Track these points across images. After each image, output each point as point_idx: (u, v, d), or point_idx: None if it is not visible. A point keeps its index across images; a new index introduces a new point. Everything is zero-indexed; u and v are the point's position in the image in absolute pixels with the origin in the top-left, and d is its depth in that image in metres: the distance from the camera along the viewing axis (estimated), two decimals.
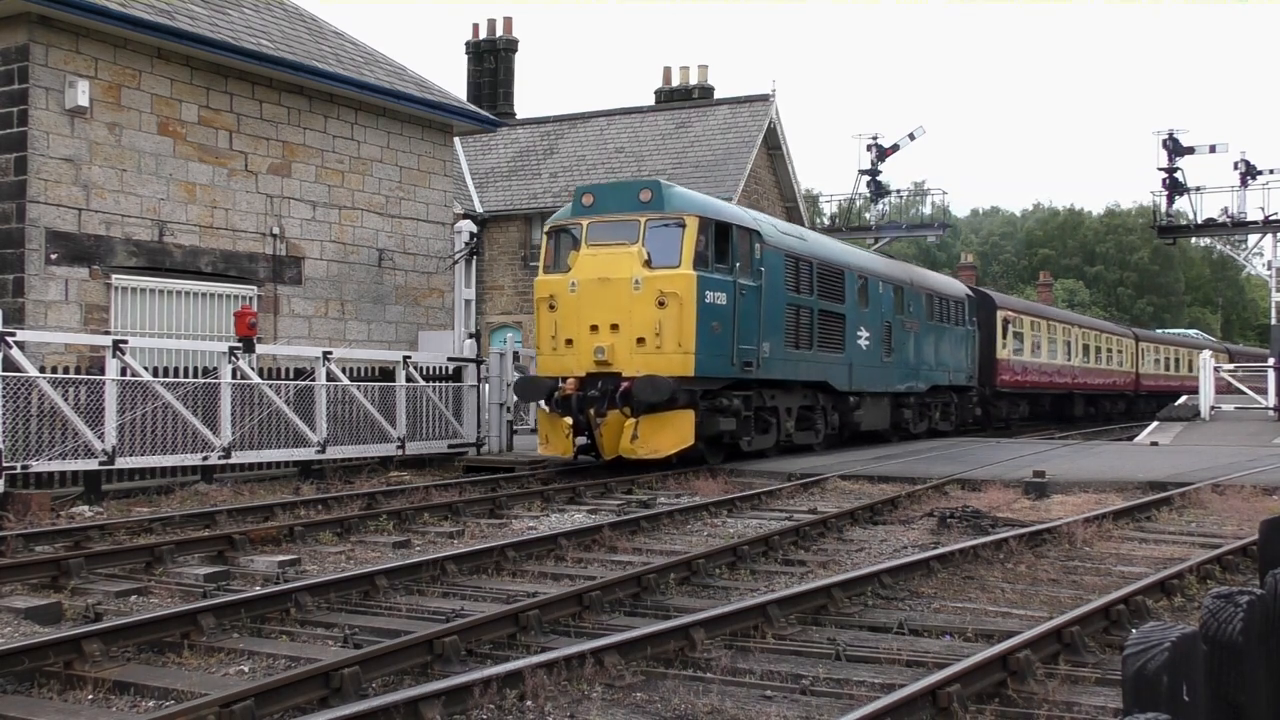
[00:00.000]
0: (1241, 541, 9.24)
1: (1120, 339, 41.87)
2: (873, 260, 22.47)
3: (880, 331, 21.15)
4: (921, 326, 23.43)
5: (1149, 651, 2.89)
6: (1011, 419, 31.23)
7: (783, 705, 5.39)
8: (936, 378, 24.29)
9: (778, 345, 17.14)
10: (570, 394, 15.15)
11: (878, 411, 21.31)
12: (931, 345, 24.06)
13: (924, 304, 23.83)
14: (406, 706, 4.92)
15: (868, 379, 20.45)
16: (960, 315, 26.34)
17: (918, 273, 25.29)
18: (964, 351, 26.43)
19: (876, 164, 36.74)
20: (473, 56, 34.13)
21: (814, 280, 18.52)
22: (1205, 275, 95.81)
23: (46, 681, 5.77)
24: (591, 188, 16.49)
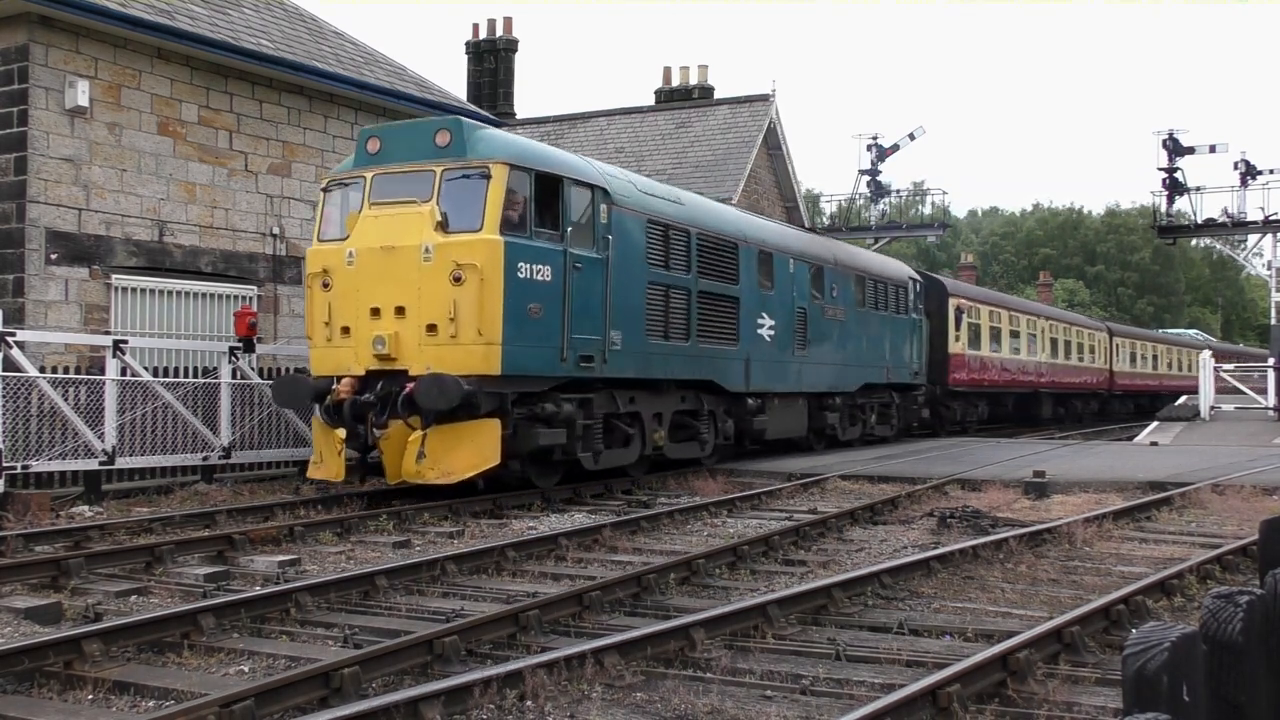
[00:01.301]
0: (1241, 541, 9.25)
1: (1092, 333, 38.58)
2: (780, 233, 18.79)
3: (791, 319, 17.89)
4: (850, 315, 20.13)
5: (1149, 651, 2.90)
6: (968, 421, 27.78)
7: (783, 705, 5.39)
8: (871, 375, 20.98)
9: (634, 335, 13.80)
10: (344, 398, 12.02)
11: (789, 415, 18.10)
12: (864, 337, 20.72)
13: (853, 288, 20.46)
14: (406, 706, 4.92)
15: (773, 377, 17.33)
16: (902, 302, 22.93)
17: (844, 250, 21.43)
18: (908, 345, 23.04)
19: (876, 164, 36.72)
20: (473, 56, 34.13)
21: (692, 254, 15.13)
22: (1205, 275, 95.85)
23: (46, 681, 5.77)
24: (379, 130, 13.09)
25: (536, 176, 12.36)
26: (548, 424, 12.41)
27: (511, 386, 12.02)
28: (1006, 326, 30.17)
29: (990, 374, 28.75)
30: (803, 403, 18.61)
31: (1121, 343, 41.49)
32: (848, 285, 20.25)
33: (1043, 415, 33.39)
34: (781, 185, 33.87)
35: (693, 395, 15.50)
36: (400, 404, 11.52)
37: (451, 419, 11.50)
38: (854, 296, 20.47)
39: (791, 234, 19.49)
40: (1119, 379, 40.58)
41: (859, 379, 20.44)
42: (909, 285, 23.50)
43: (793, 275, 18.07)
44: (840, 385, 19.75)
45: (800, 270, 18.37)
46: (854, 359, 20.26)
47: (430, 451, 11.44)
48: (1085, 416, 37.70)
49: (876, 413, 21.61)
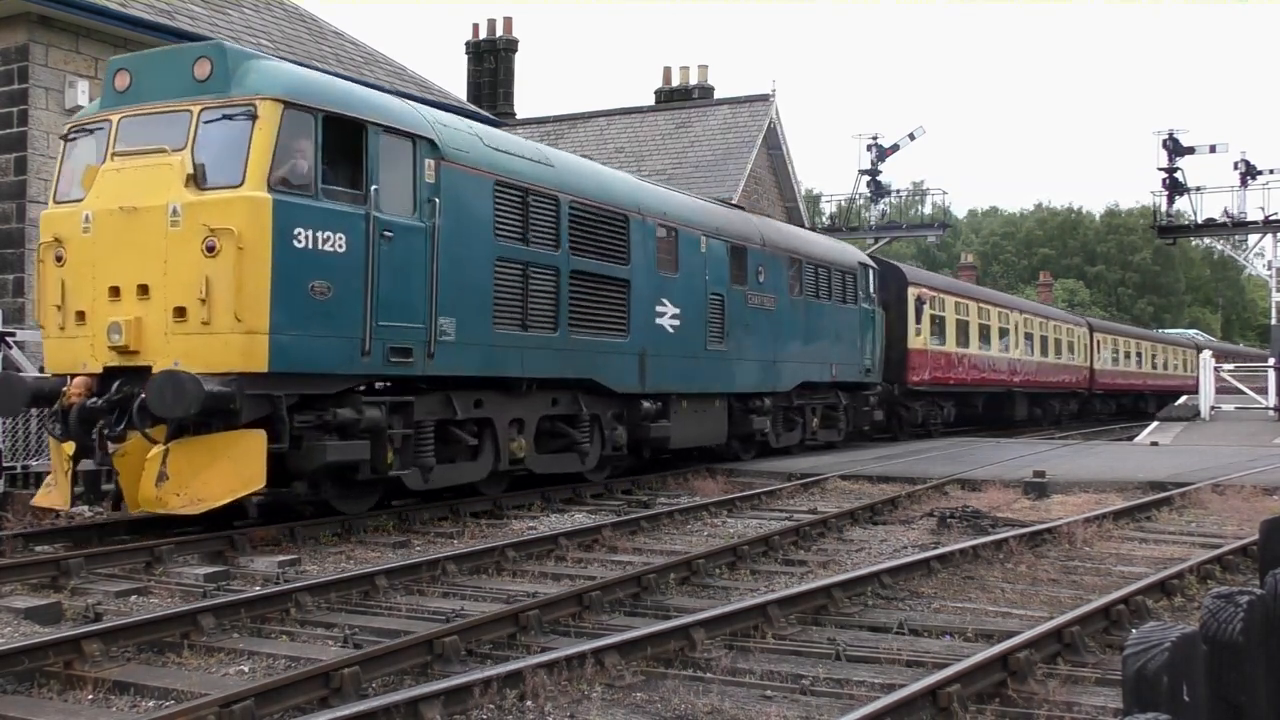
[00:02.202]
0: (1241, 541, 9.25)
1: (1071, 328, 35.98)
2: (688, 206, 15.91)
3: (703, 308, 15.42)
4: (783, 303, 17.67)
5: (1149, 651, 2.90)
6: (932, 424, 25.40)
7: (783, 705, 5.39)
8: (811, 373, 18.55)
9: (476, 324, 11.26)
10: (72, 403, 9.67)
11: (702, 420, 15.67)
12: (800, 329, 18.22)
13: (787, 273, 17.91)
14: (406, 706, 4.93)
15: (679, 375, 14.82)
16: (851, 291, 20.36)
17: (775, 229, 18.67)
18: (858, 339, 20.48)
19: (876, 164, 36.73)
20: (473, 56, 34.12)
21: (563, 226, 12.51)
22: (1205, 275, 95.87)
23: (46, 681, 5.77)
24: (128, 60, 10.32)
25: (325, 120, 9.76)
26: (342, 434, 9.88)
27: (287, 387, 9.49)
28: (975, 320, 27.80)
29: (956, 372, 26.42)
30: (722, 405, 16.18)
31: (1103, 339, 39.01)
32: (779, 269, 17.67)
33: (1016, 417, 30.89)
34: (781, 185, 33.87)
35: (569, 397, 13.01)
36: (137, 411, 9.11)
37: (204, 430, 9.12)
38: (788, 283, 17.93)
39: (703, 208, 16.50)
40: (1100, 378, 38.22)
41: (795, 377, 18.02)
42: (859, 272, 20.81)
43: (705, 256, 15.51)
44: (770, 384, 17.33)
45: (716, 250, 15.84)
46: (788, 354, 17.80)
47: (174, 472, 9.01)
48: (1064, 418, 35.35)
49: (820, 415, 19.25)
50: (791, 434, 18.46)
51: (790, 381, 17.94)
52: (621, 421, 13.98)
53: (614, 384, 13.60)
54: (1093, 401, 38.49)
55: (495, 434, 11.88)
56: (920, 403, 24.65)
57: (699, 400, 15.55)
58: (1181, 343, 50.81)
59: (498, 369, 11.75)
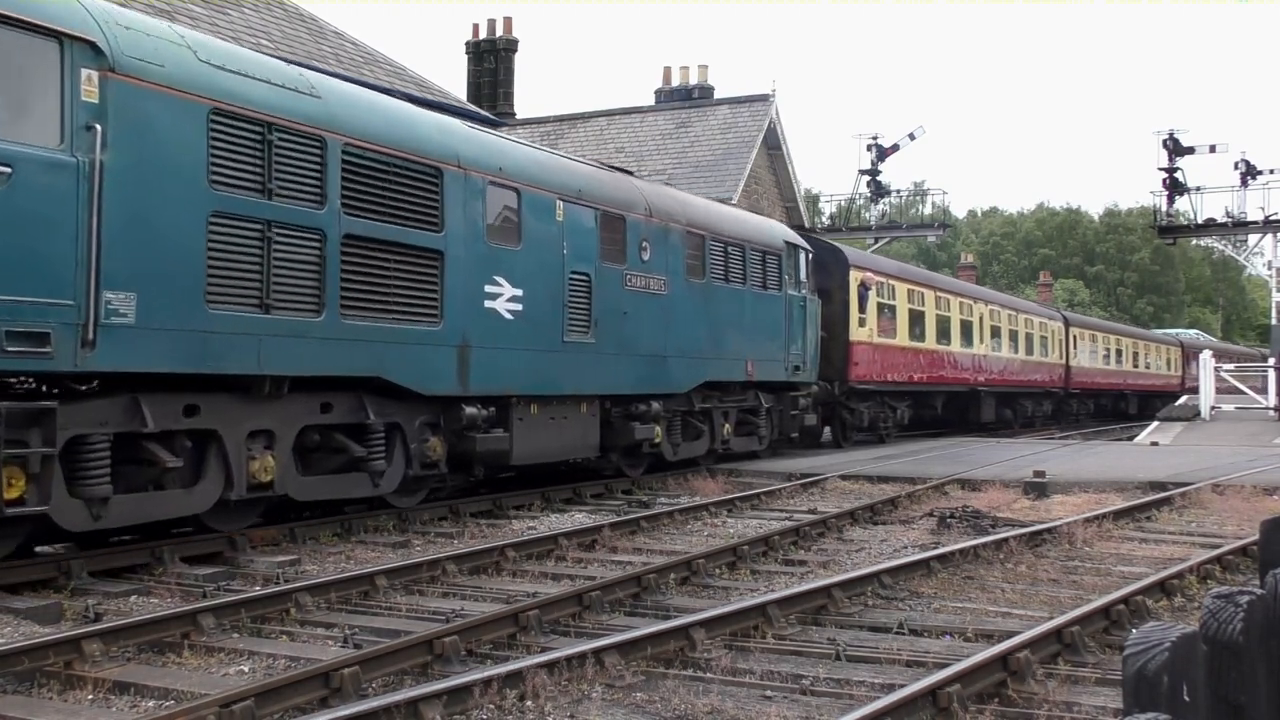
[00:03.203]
0: (1241, 541, 9.25)
1: (1045, 322, 33.40)
2: (538, 161, 12.92)
3: (559, 290, 12.60)
4: (679, 287, 14.90)
5: (1149, 651, 2.89)
6: (883, 428, 22.68)
7: (783, 705, 5.39)
8: (717, 370, 15.80)
9: (175, 299, 8.47)
10: None
11: (562, 429, 12.79)
12: (703, 319, 15.46)
13: (683, 251, 15.07)
14: (406, 706, 4.93)
15: (524, 373, 12.01)
16: (774, 275, 17.50)
17: (668, 197, 15.56)
18: (784, 331, 17.66)
19: (876, 164, 36.75)
20: (473, 56, 34.11)
21: (331, 176, 9.73)
22: (1205, 275, 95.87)
23: (46, 681, 5.77)
24: None
25: None
26: None
27: None
28: (932, 310, 24.96)
29: (910, 368, 23.63)
30: (591, 410, 13.40)
31: (1080, 334, 36.29)
32: (674, 246, 14.86)
33: (982, 419, 28.12)
34: (781, 185, 33.88)
35: (350, 402, 10.19)
36: None
37: None
38: (685, 263, 15.12)
39: (561, 165, 13.45)
40: (1077, 376, 35.56)
41: (695, 376, 15.28)
42: (786, 254, 17.93)
43: (563, 226, 12.65)
44: (659, 385, 14.49)
45: (579, 220, 12.98)
46: (685, 348, 15.01)
47: None
48: (1037, 420, 32.76)
49: (731, 420, 16.56)
50: (695, 443, 15.65)
51: (688, 381, 15.12)
52: (437, 432, 11.12)
53: (417, 384, 10.65)
54: (1069, 402, 36.12)
55: (224, 451, 9.05)
56: (867, 404, 21.90)
57: (555, 405, 12.68)
58: (1166, 340, 48.91)
59: (215, 364, 8.77)
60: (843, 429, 21.34)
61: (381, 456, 10.46)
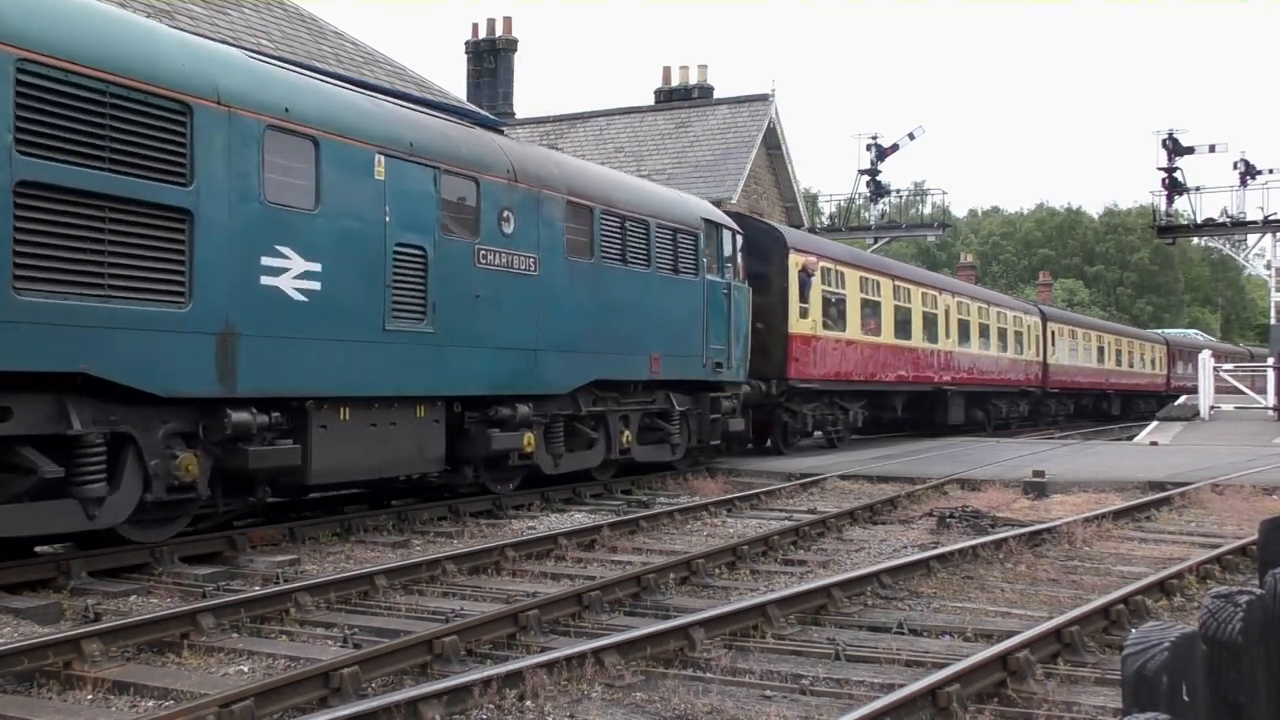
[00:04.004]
0: (1241, 541, 9.26)
1: (1020, 316, 31.02)
2: (344, 102, 10.44)
3: (376, 265, 10.30)
4: (555, 268, 12.55)
5: (1148, 651, 2.90)
6: (833, 431, 20.57)
7: (782, 705, 5.39)
8: (610, 367, 13.57)
9: None
10: None
11: (387, 439, 10.50)
12: (590, 306, 13.15)
13: (562, 225, 12.75)
14: (406, 706, 4.93)
15: (326, 368, 9.75)
16: (690, 258, 15.26)
17: (542, 159, 13.13)
18: (703, 322, 15.46)
19: (876, 164, 36.76)
20: (472, 56, 34.11)
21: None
22: (1205, 275, 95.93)
23: (46, 681, 5.77)
24: None
25: None
26: None
27: None
28: (890, 301, 22.60)
29: (863, 365, 21.20)
30: (431, 414, 11.07)
31: (1059, 330, 34.08)
32: (548, 219, 12.50)
33: (950, 421, 25.92)
34: (781, 185, 33.88)
35: (44, 406, 7.82)
36: None
37: None
38: (563, 239, 12.73)
39: (383, 110, 10.94)
40: (1055, 375, 33.29)
41: (580, 373, 13.03)
42: (704, 233, 15.67)
43: (385, 187, 10.38)
44: (528, 384, 12.21)
45: (408, 180, 10.66)
46: (564, 340, 12.67)
47: None
48: (1011, 422, 30.61)
49: (636, 426, 14.37)
50: (584, 453, 13.45)
51: (570, 379, 12.88)
52: (193, 444, 8.86)
53: (150, 383, 8.33)
54: (1046, 402, 33.97)
55: None
56: (812, 405, 19.63)
57: (378, 409, 10.40)
58: (1150, 338, 46.96)
59: None
60: (783, 433, 18.94)
61: (98, 478, 8.07)
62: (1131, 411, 41.48)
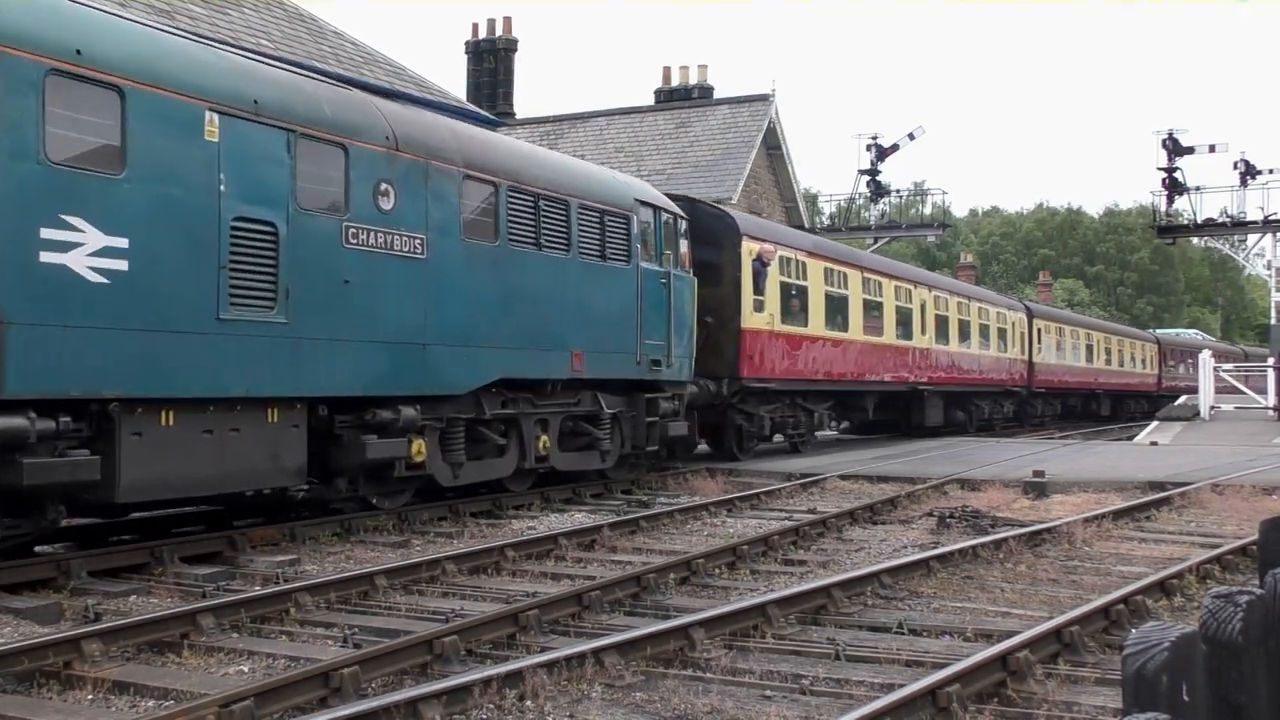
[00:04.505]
0: (1241, 541, 9.26)
1: (1005, 313, 29.58)
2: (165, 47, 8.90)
3: (206, 241, 8.72)
4: (449, 250, 10.99)
5: (1149, 651, 2.90)
6: (796, 435, 19.15)
7: (782, 705, 5.40)
8: (519, 363, 11.98)
9: None
10: None
11: (223, 450, 8.91)
12: (495, 294, 11.60)
13: (458, 200, 11.19)
14: (406, 706, 4.93)
15: (134, 363, 8.21)
16: (622, 244, 13.75)
17: (429, 126, 11.42)
18: (637, 315, 13.95)
19: (876, 164, 36.76)
20: (472, 56, 34.12)
21: None
22: (1205, 275, 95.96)
23: (46, 681, 5.77)
24: None
25: None
26: None
27: None
28: (859, 294, 21.04)
29: (828, 363, 19.69)
30: (287, 418, 9.52)
31: (1045, 327, 32.59)
32: (439, 195, 10.93)
33: (927, 422, 24.46)
34: (781, 185, 33.89)
35: None
36: None
37: None
38: (459, 218, 11.19)
39: (219, 60, 9.36)
40: (1041, 374, 31.81)
41: (481, 371, 11.47)
42: (638, 216, 14.08)
43: (219, 150, 8.83)
44: (414, 383, 10.70)
45: (251, 143, 9.14)
46: (460, 333, 11.15)
47: None
48: (995, 423, 28.99)
49: (556, 430, 12.85)
50: (492, 462, 12.00)
51: (469, 378, 11.34)
52: None
53: None
54: (1032, 402, 32.47)
55: None
56: (771, 407, 18.12)
57: (213, 413, 8.82)
58: (1141, 337, 45.50)
59: None
60: (738, 437, 17.38)
61: None
62: (1122, 412, 40.54)
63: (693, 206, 16.95)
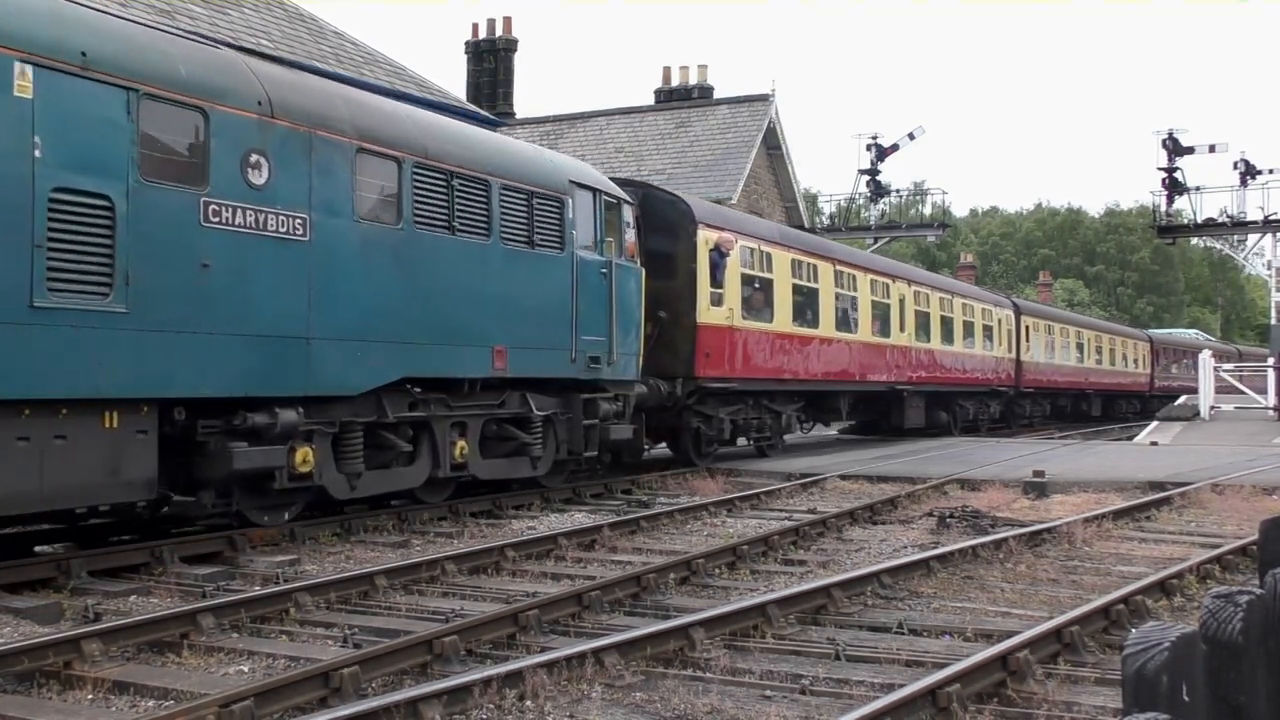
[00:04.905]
0: (1241, 541, 9.26)
1: (991, 310, 28.24)
2: None
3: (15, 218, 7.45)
4: (339, 232, 9.81)
5: (1148, 651, 2.90)
6: (763, 439, 17.91)
7: (782, 705, 5.40)
8: (429, 360, 10.77)
9: None
10: None
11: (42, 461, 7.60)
12: (398, 282, 10.41)
13: (350, 176, 9.99)
14: (406, 706, 4.93)
15: None
16: (549, 228, 12.39)
17: (323, 92, 10.23)
18: (571, 308, 12.71)
19: (876, 164, 36.77)
20: (472, 56, 34.12)
21: None
22: (1205, 275, 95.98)
23: (46, 681, 5.77)
24: None
25: None
26: None
27: None
28: (831, 288, 19.72)
29: (797, 362, 18.38)
30: (130, 423, 8.24)
31: (1034, 324, 31.25)
32: (326, 169, 9.69)
33: (907, 424, 23.17)
34: (781, 185, 33.89)
35: None
36: None
37: None
38: (351, 195, 9.93)
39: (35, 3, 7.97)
40: (1030, 373, 30.47)
41: (380, 369, 10.23)
42: (574, 199, 12.81)
43: (32, 108, 7.58)
44: (294, 383, 9.40)
45: (81, 101, 7.90)
46: (352, 326, 9.89)
47: None
48: (981, 424, 27.63)
49: (476, 435, 11.61)
50: (400, 471, 10.82)
51: (366, 376, 10.10)
52: None
53: None
54: (1020, 403, 31.04)
55: None
56: (732, 408, 16.85)
57: (29, 417, 7.57)
58: (1134, 335, 43.98)
59: None
60: (695, 441, 16.15)
61: None
62: (1113, 413, 39.43)
63: (645, 192, 15.96)
